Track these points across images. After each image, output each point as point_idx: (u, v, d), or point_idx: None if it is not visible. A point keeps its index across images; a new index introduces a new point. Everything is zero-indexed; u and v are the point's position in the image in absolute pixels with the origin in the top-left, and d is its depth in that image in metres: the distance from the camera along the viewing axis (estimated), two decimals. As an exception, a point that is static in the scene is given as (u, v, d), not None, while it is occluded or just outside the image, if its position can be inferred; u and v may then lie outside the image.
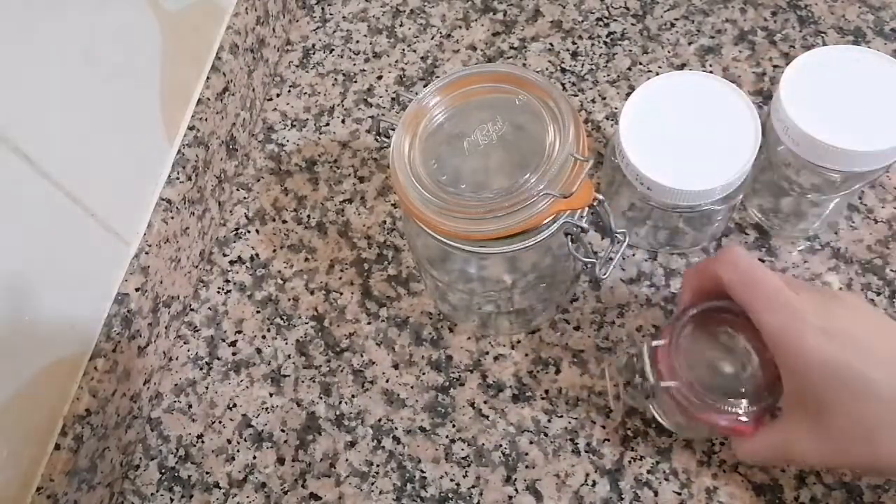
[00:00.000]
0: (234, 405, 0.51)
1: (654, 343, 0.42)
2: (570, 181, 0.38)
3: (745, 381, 0.41)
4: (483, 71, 0.42)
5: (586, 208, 0.40)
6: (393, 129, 0.42)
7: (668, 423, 0.45)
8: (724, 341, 0.42)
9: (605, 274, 0.41)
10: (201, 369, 0.53)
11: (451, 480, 0.48)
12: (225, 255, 0.57)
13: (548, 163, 0.38)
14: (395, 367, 0.52)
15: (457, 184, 0.39)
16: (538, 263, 0.46)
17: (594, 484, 0.47)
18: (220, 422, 0.51)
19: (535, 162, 0.39)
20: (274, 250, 0.57)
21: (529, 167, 0.38)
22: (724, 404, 0.40)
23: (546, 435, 0.48)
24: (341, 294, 0.55)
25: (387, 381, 0.51)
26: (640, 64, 0.61)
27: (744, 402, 0.40)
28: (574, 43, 0.63)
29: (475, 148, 0.40)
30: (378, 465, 0.49)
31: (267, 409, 0.51)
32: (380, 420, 0.50)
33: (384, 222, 0.57)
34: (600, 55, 0.62)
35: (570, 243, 0.41)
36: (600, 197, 0.40)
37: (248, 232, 0.58)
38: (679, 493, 0.46)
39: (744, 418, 0.40)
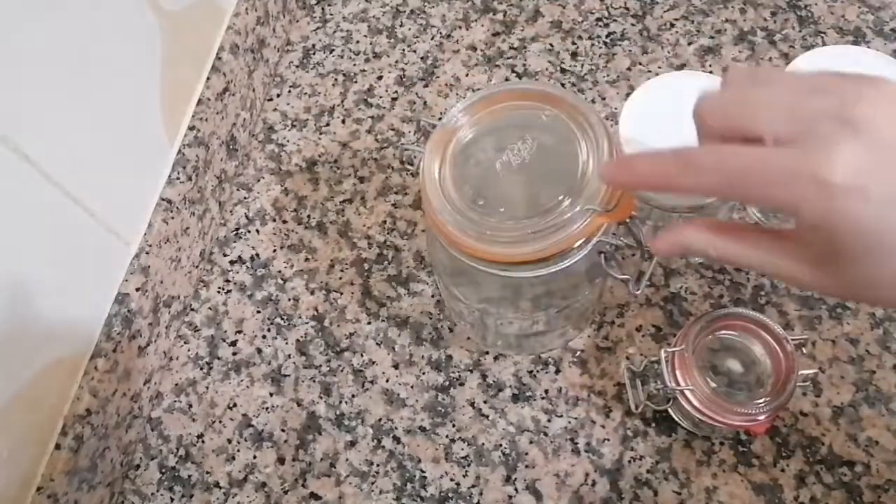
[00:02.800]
0: (235, 405, 0.52)
1: (671, 349, 0.44)
2: (610, 195, 0.36)
3: (757, 383, 0.44)
4: (510, 89, 0.41)
5: (618, 225, 0.39)
6: (416, 156, 0.40)
7: (687, 424, 0.47)
8: (738, 346, 0.45)
9: (638, 290, 0.40)
10: (201, 369, 0.53)
11: (451, 480, 0.48)
12: (225, 255, 0.57)
13: (582, 180, 0.37)
14: (395, 366, 0.52)
15: (494, 207, 0.38)
16: (570, 282, 0.45)
17: (594, 484, 0.47)
18: (220, 421, 0.51)
19: (569, 180, 0.37)
20: (274, 250, 0.57)
21: (564, 185, 0.37)
22: (739, 406, 0.42)
23: (546, 435, 0.49)
24: (341, 294, 0.55)
25: (387, 380, 0.51)
26: (640, 64, 0.61)
27: (757, 403, 0.42)
28: (574, 43, 0.63)
29: (508, 169, 0.39)
30: (378, 465, 0.49)
31: (267, 408, 0.51)
32: (380, 420, 0.50)
33: (384, 222, 0.57)
34: (600, 55, 0.62)
35: (604, 261, 0.39)
36: (635, 213, 0.38)
37: (249, 232, 0.58)
38: (679, 493, 0.46)
39: (758, 418, 0.42)
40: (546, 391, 0.50)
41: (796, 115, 0.28)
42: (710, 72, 0.60)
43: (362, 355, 0.52)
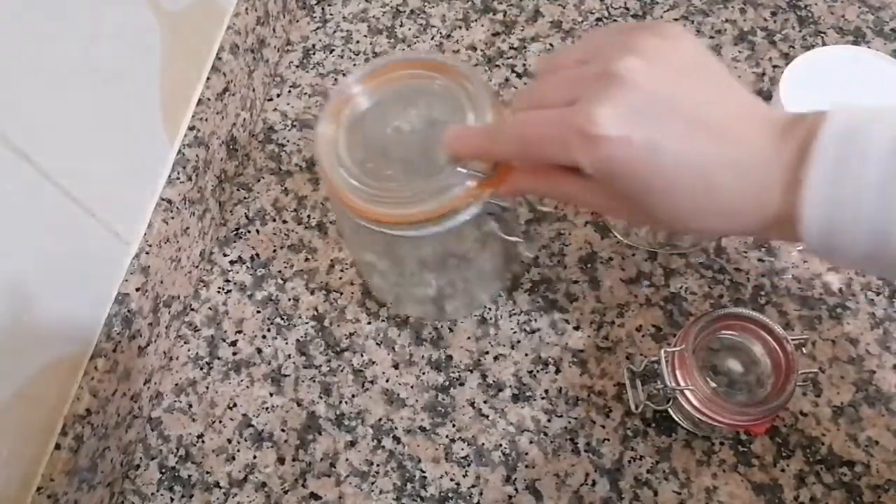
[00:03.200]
0: (235, 405, 0.52)
1: (671, 349, 0.44)
2: (491, 163, 0.39)
3: (757, 383, 0.44)
4: (404, 58, 0.43)
5: None
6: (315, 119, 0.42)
7: (687, 424, 0.47)
8: (738, 346, 0.45)
9: (531, 252, 0.42)
10: (201, 369, 0.53)
11: (451, 480, 0.48)
12: (225, 255, 0.57)
13: None
14: (395, 366, 0.52)
15: (383, 170, 0.40)
16: (466, 243, 0.47)
17: (594, 484, 0.47)
18: (220, 421, 0.51)
19: None
20: (274, 250, 0.57)
21: None
22: (739, 406, 0.42)
23: (546, 435, 0.49)
24: (341, 294, 0.55)
25: (387, 380, 0.51)
26: (640, 64, 0.61)
27: (756, 403, 0.42)
28: (574, 43, 0.63)
29: (399, 134, 0.41)
30: (378, 465, 0.49)
31: (267, 408, 0.51)
32: (380, 420, 0.50)
33: (384, 222, 0.57)
34: (600, 55, 0.62)
35: (494, 223, 0.42)
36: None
37: (249, 232, 0.58)
38: (679, 493, 0.46)
39: (758, 418, 0.42)
40: (546, 391, 0.50)
41: (573, 83, 0.32)
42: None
43: (362, 355, 0.52)
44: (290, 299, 0.55)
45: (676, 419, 0.47)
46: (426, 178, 0.39)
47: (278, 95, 0.64)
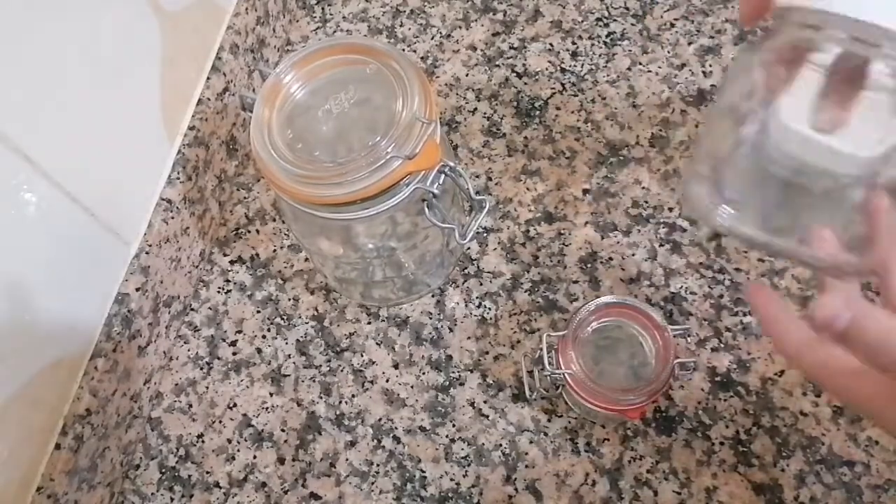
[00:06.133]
0: (235, 405, 0.52)
1: (554, 334, 0.45)
2: (414, 144, 0.39)
3: (636, 368, 0.45)
4: (335, 43, 0.44)
5: (442, 175, 0.41)
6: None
7: (579, 410, 0.48)
8: (618, 334, 0.46)
9: (465, 239, 0.43)
10: (201, 369, 0.53)
11: (451, 480, 0.48)
12: (225, 255, 0.57)
13: (395, 127, 0.40)
14: (395, 366, 0.52)
15: (312, 151, 0.41)
16: (403, 228, 0.48)
17: (594, 483, 0.47)
18: (220, 421, 0.51)
19: (383, 128, 0.40)
20: (274, 250, 0.57)
21: (379, 132, 0.40)
22: (615, 391, 0.43)
23: (546, 435, 0.49)
24: (341, 294, 0.55)
25: (387, 380, 0.51)
26: (640, 64, 0.61)
27: (634, 387, 0.43)
28: (574, 43, 0.63)
29: (329, 116, 0.42)
30: (378, 465, 0.49)
31: (267, 408, 0.51)
32: (380, 420, 0.50)
33: (384, 222, 0.57)
34: (600, 55, 0.62)
35: (426, 209, 0.42)
36: (450, 163, 0.41)
37: (249, 232, 0.58)
38: (679, 493, 0.46)
39: (634, 403, 0.43)
40: (546, 391, 0.50)
41: None
42: (710, 72, 0.60)
43: (362, 355, 0.52)
44: (290, 299, 0.55)
45: (569, 405, 0.48)
46: (351, 161, 0.39)
47: (278, 95, 0.64)
